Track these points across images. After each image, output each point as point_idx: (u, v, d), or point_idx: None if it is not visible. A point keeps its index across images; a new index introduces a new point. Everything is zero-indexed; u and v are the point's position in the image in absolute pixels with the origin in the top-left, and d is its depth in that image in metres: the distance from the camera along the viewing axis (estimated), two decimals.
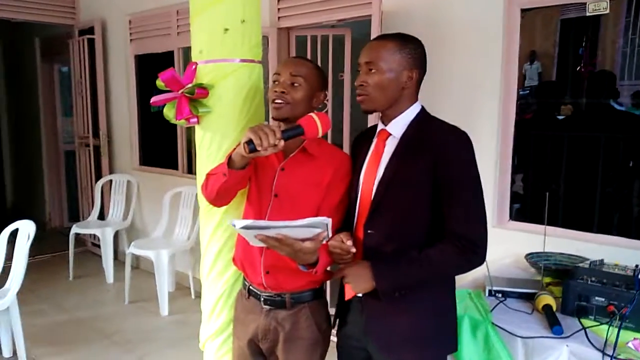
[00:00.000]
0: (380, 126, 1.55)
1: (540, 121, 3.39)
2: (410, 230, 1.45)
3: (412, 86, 1.48)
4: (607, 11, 2.08)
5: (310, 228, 1.34)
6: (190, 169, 4.43)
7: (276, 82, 1.64)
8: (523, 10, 2.42)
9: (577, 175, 2.85)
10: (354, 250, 1.42)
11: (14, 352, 3.11)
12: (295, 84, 1.62)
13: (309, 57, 3.15)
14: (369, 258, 1.46)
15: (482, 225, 1.40)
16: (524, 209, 2.65)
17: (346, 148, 3.39)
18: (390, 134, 1.51)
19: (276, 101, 1.62)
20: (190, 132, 4.32)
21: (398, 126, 1.49)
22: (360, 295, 1.48)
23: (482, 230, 1.40)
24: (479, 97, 2.54)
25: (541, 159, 3.23)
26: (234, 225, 1.34)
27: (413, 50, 1.46)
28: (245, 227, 1.34)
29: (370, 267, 1.41)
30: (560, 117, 3.44)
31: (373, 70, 1.45)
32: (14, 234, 3.11)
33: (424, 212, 1.42)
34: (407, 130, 1.48)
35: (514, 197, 2.61)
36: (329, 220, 1.34)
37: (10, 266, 3.07)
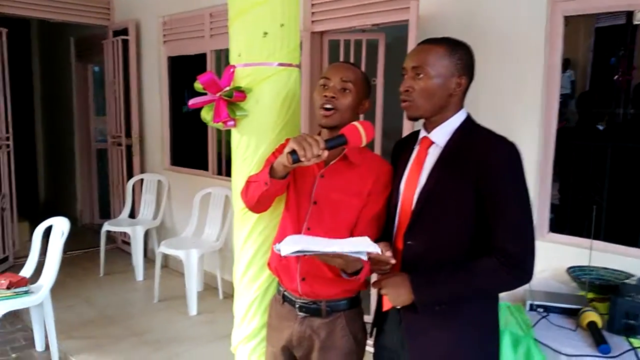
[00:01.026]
0: (423, 133, 1.50)
1: (580, 131, 3.29)
2: (451, 243, 1.39)
3: (460, 93, 1.43)
4: None
5: (358, 252, 1.31)
6: (220, 170, 4.45)
7: (325, 87, 1.61)
8: (566, 18, 2.34)
9: (618, 187, 2.74)
10: (393, 261, 1.38)
11: (47, 346, 3.16)
12: (346, 90, 1.59)
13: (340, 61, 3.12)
14: (407, 270, 1.41)
15: (530, 241, 1.34)
16: (561, 220, 2.56)
17: (378, 154, 3.35)
18: (433, 142, 1.46)
19: (325, 106, 1.59)
20: (220, 134, 4.34)
21: (442, 134, 1.44)
22: (398, 307, 1.44)
23: (530, 247, 1.33)
24: (518, 105, 2.47)
25: (580, 170, 3.13)
26: (279, 251, 1.31)
27: (463, 55, 1.41)
28: (295, 253, 1.30)
29: (409, 280, 1.37)
30: (600, 127, 3.33)
31: (420, 76, 1.39)
32: (47, 230, 3.16)
33: (466, 224, 1.37)
34: (452, 138, 1.42)
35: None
36: (378, 250, 1.31)
37: (44, 261, 3.12)
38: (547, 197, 2.45)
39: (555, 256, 2.28)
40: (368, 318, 1.69)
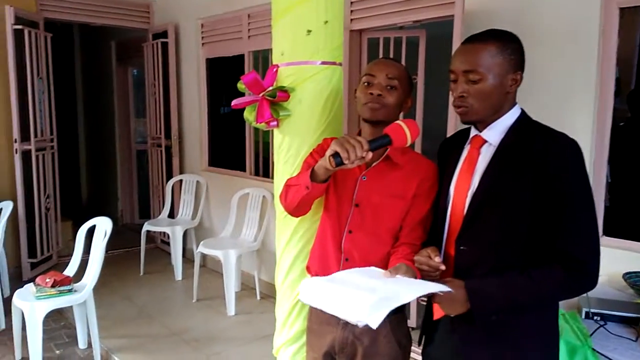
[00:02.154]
0: (474, 132, 1.42)
1: (631, 129, 3.12)
2: (507, 248, 1.31)
3: (515, 89, 1.35)
4: None
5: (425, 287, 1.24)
6: (258, 171, 4.46)
7: (370, 84, 1.56)
8: (621, 9, 2.22)
9: None
10: (443, 267, 1.31)
11: (89, 344, 3.22)
12: (392, 87, 1.55)
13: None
14: (461, 277, 1.33)
15: (595, 244, 1.25)
16: (610, 222, 2.42)
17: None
18: (485, 141, 1.38)
19: (370, 105, 1.54)
20: (257, 134, 4.35)
21: (496, 133, 1.36)
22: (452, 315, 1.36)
23: (596, 251, 1.25)
24: (570, 103, 2.36)
25: (632, 169, 2.98)
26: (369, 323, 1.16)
27: (515, 50, 1.33)
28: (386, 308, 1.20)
29: (465, 288, 1.29)
30: None
31: (475, 79, 1.31)
32: (89, 230, 3.22)
33: (523, 228, 1.29)
34: (507, 136, 1.35)
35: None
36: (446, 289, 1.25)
37: (87, 260, 3.18)
38: (600, 199, 2.33)
39: (610, 261, 2.14)
40: (409, 322, 1.63)
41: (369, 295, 1.18)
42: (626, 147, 2.87)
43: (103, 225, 3.17)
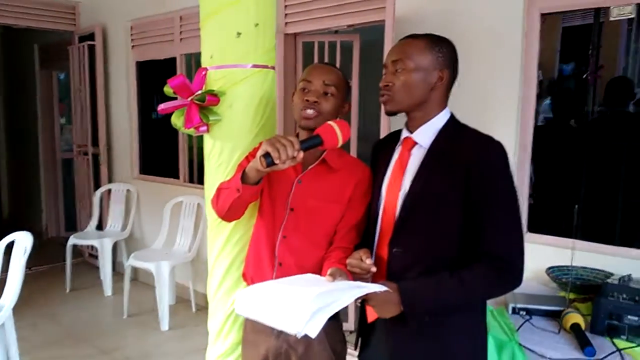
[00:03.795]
0: (405, 133, 1.44)
1: (553, 129, 3.31)
2: (440, 249, 1.34)
3: (442, 89, 1.38)
4: (633, 15, 2.01)
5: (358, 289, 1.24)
6: (192, 178, 4.34)
7: (306, 90, 1.55)
8: (543, 15, 2.35)
9: (592, 185, 2.76)
10: (374, 269, 1.31)
11: None
12: (328, 94, 1.54)
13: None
14: (394, 280, 1.33)
15: (519, 244, 1.30)
16: (533, 219, 2.55)
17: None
18: (416, 143, 1.40)
19: (307, 111, 1.52)
20: (191, 140, 4.23)
21: (426, 134, 1.38)
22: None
23: (520, 250, 1.29)
24: (495, 104, 2.47)
25: (554, 167, 3.14)
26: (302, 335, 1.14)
27: (444, 49, 1.37)
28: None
29: (397, 291, 1.29)
30: (574, 125, 3.36)
31: (400, 69, 1.35)
32: (9, 245, 2.99)
33: (455, 229, 1.32)
34: (437, 139, 1.37)
35: None
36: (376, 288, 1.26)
37: (5, 279, 2.95)
38: (525, 196, 2.44)
39: (534, 256, 2.24)
40: (346, 325, 1.62)
41: (305, 304, 1.15)
42: (550, 146, 3.03)
43: (22, 241, 2.94)
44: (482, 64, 2.45)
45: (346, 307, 3.19)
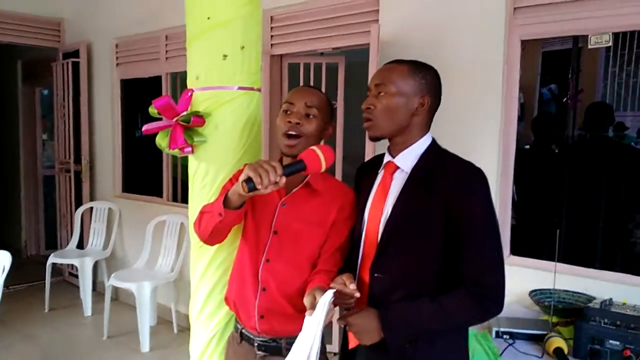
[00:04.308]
0: (388, 157, 1.44)
1: (535, 152, 3.36)
2: (421, 274, 1.33)
3: (424, 115, 1.39)
4: (610, 44, 2.06)
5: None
6: (176, 197, 4.30)
7: (289, 112, 1.55)
8: (523, 42, 2.40)
9: (574, 208, 2.80)
10: (357, 295, 1.29)
11: None
12: (310, 115, 1.54)
13: (301, 85, 3.09)
14: (375, 304, 1.33)
15: (500, 271, 1.29)
16: (516, 241, 2.57)
17: (339, 179, 3.31)
18: (398, 167, 1.40)
19: (290, 132, 1.52)
20: (176, 158, 4.20)
21: (407, 159, 1.39)
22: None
23: (500, 277, 1.29)
24: (477, 128, 2.50)
25: (535, 191, 3.19)
26: None
27: (427, 75, 1.38)
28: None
29: (378, 317, 1.28)
30: (556, 150, 3.42)
31: (382, 93, 1.36)
32: None
33: (435, 254, 1.31)
34: (418, 164, 1.38)
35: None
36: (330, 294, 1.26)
37: None
38: (507, 219, 2.47)
39: (517, 279, 2.27)
40: (330, 347, 1.61)
41: None
42: (531, 169, 3.07)
43: (0, 259, 2.88)
44: (464, 89, 2.49)
45: (330, 329, 3.17)
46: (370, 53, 2.59)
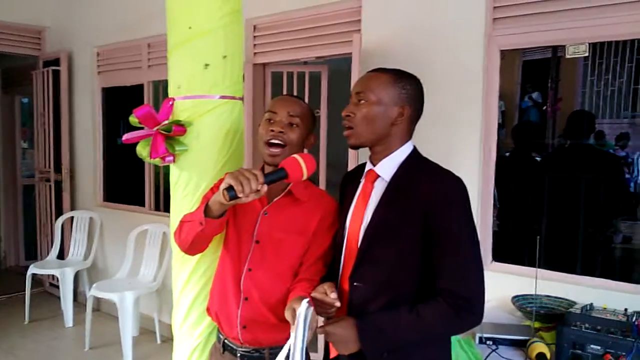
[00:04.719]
0: (369, 166, 1.44)
1: (516, 160, 3.40)
2: (399, 283, 1.32)
3: (404, 124, 1.38)
4: (587, 54, 2.11)
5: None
6: (158, 206, 4.25)
7: (272, 121, 1.55)
8: (502, 51, 2.44)
9: (554, 215, 2.84)
10: (338, 304, 1.29)
11: None
12: (293, 125, 1.54)
13: (284, 93, 3.10)
14: (354, 313, 1.32)
15: (479, 282, 1.27)
16: (498, 247, 2.60)
17: (322, 187, 3.32)
18: (379, 176, 1.40)
19: (272, 141, 1.52)
20: (158, 167, 4.17)
21: (387, 168, 1.39)
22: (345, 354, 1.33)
23: (479, 287, 1.27)
24: (458, 136, 2.53)
25: (516, 197, 3.22)
26: None
27: (408, 85, 1.37)
28: None
29: (356, 327, 1.27)
30: (537, 158, 3.47)
31: (362, 102, 1.36)
32: None
33: (414, 263, 1.30)
34: (397, 172, 1.37)
35: None
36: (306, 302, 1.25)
37: None
38: (489, 226, 2.49)
39: (500, 286, 2.30)
40: (316, 356, 1.60)
41: None
42: (513, 176, 3.11)
43: None
44: (445, 97, 2.52)
45: (315, 338, 3.15)
46: (352, 62, 2.60)
